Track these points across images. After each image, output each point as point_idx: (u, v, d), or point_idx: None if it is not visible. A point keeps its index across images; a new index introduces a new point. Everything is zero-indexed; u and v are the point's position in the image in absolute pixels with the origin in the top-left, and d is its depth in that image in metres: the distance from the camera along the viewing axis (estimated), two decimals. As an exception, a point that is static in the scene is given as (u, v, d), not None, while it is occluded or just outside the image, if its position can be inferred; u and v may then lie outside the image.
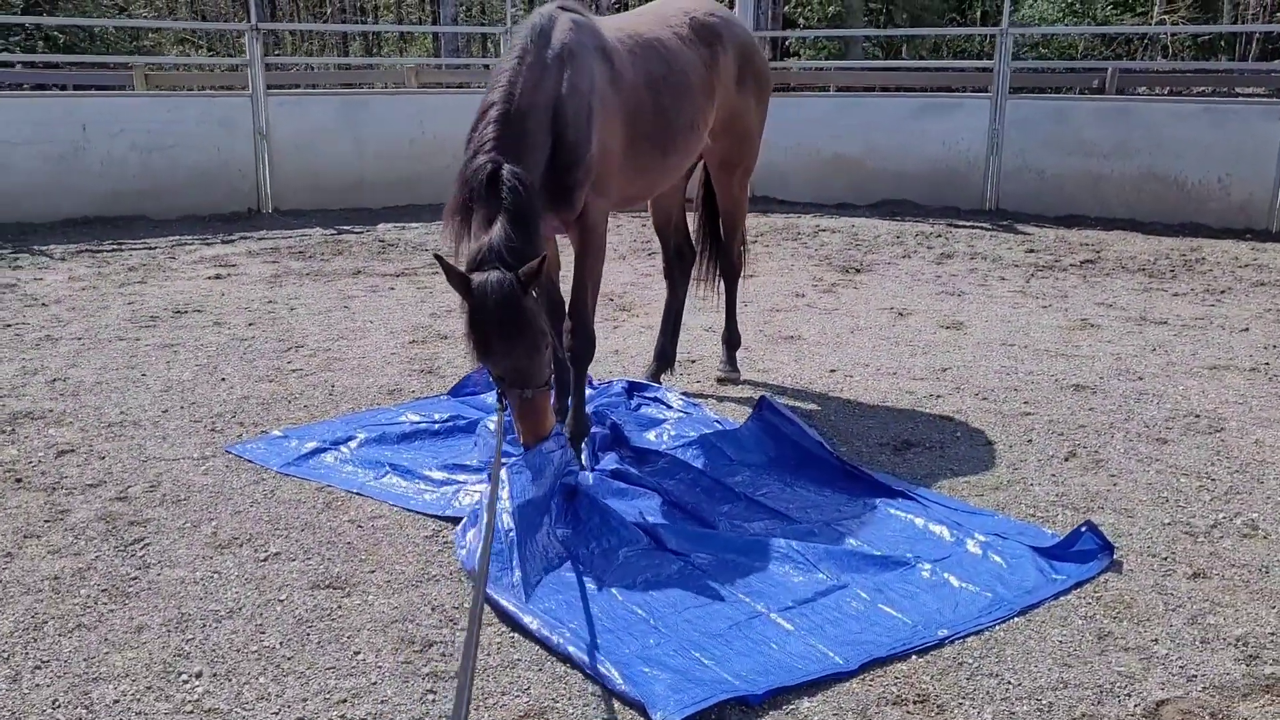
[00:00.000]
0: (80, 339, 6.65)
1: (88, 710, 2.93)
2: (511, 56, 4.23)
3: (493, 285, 3.71)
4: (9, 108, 10.76)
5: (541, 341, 3.86)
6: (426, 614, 3.44)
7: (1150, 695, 3.05)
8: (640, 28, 4.90)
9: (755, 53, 5.54)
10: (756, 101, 5.55)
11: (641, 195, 5.16)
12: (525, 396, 3.87)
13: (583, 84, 4.29)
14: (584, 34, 4.43)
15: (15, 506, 4.22)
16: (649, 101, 4.68)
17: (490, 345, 3.79)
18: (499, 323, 3.72)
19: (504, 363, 3.81)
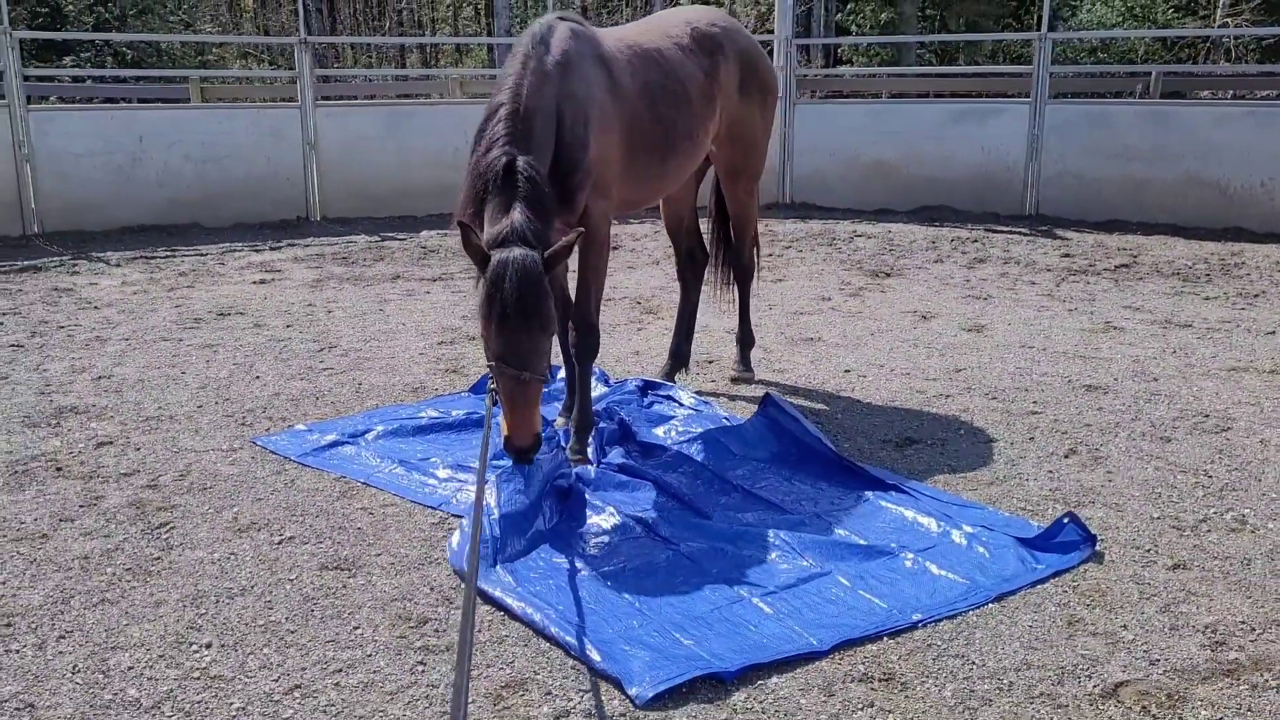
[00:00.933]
0: (127, 339, 6.97)
1: (104, 675, 3.16)
2: (515, 62, 4.37)
3: (515, 258, 3.78)
4: (71, 120, 11.22)
5: (550, 326, 3.91)
6: (425, 594, 3.63)
7: (1111, 677, 3.15)
8: (640, 39, 5.05)
9: (759, 61, 5.67)
10: (761, 109, 5.68)
11: (643, 200, 5.30)
12: (522, 379, 3.83)
13: (580, 91, 4.45)
14: (582, 43, 4.60)
15: (54, 492, 4.49)
16: (646, 110, 4.82)
17: (503, 319, 3.78)
18: (516, 297, 3.75)
19: (511, 339, 3.80)
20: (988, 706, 3.01)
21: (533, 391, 3.90)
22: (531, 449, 3.89)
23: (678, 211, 5.97)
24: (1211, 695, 3.06)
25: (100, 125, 11.14)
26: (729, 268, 6.15)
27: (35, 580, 3.74)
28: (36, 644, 3.33)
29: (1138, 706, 3.01)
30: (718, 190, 6.02)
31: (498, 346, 3.85)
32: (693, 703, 3.03)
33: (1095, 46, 21.19)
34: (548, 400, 5.42)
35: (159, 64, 23.25)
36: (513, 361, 3.83)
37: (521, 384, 3.84)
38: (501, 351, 3.84)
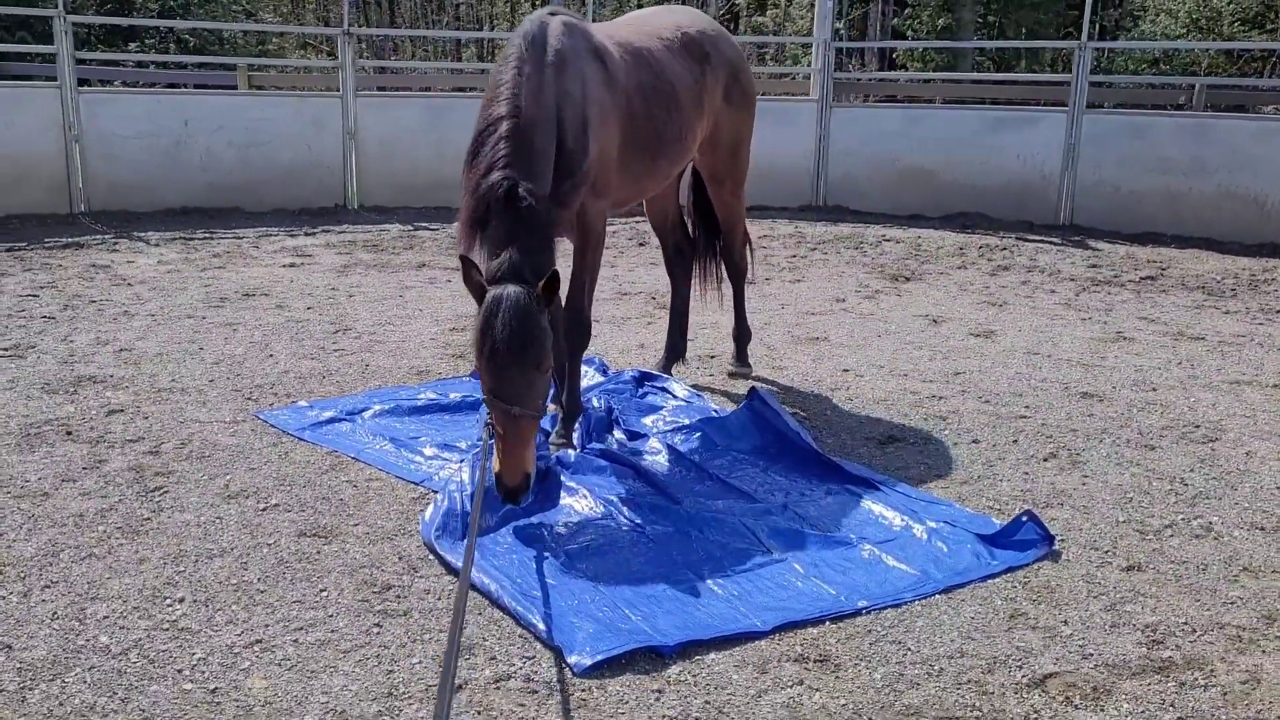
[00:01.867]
0: (154, 315, 7.23)
1: (80, 623, 3.35)
2: (509, 67, 4.30)
3: (509, 296, 3.78)
4: (120, 103, 11.56)
5: (544, 363, 3.89)
6: (393, 562, 3.79)
7: (1041, 669, 3.22)
8: (631, 37, 5.06)
9: (742, 69, 5.76)
10: (744, 117, 5.77)
11: (631, 198, 5.33)
12: (513, 414, 3.78)
13: (577, 90, 4.44)
14: (577, 38, 4.58)
15: (61, 455, 4.71)
16: (640, 108, 4.86)
17: (495, 355, 3.77)
18: (508, 333, 3.75)
19: (504, 375, 3.79)
20: (914, 689, 3.10)
21: (525, 428, 3.85)
22: (520, 489, 3.83)
23: (663, 209, 6.08)
24: (1138, 690, 3.12)
25: (147, 108, 11.47)
26: (720, 267, 6.27)
27: (31, 534, 3.95)
28: (22, 592, 3.53)
29: (1061, 697, 3.08)
30: (698, 189, 6.09)
31: (490, 382, 3.84)
32: (629, 673, 3.15)
33: (1156, 58, 20.93)
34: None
35: (220, 51, 23.76)
36: (504, 397, 3.80)
37: (513, 419, 3.80)
38: (493, 387, 3.83)
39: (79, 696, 2.98)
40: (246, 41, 25.31)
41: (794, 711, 2.99)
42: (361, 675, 3.11)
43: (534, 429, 3.93)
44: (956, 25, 25.20)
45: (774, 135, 13.04)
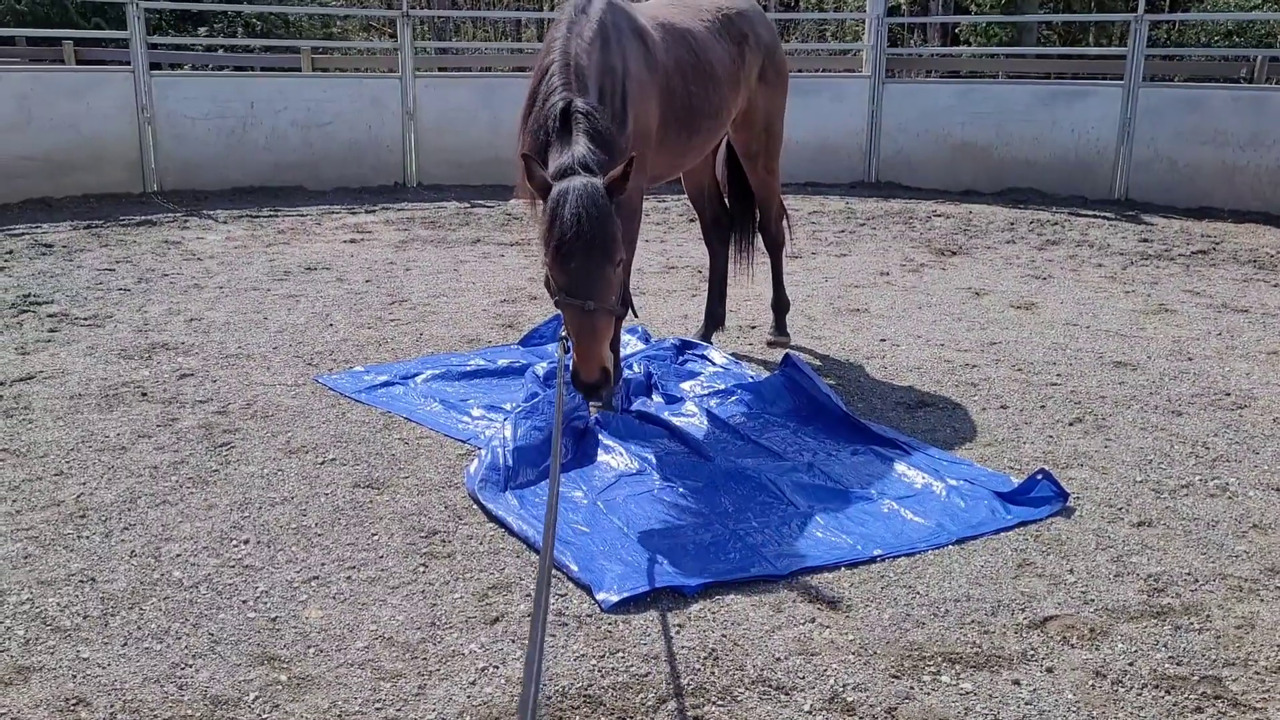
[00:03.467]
0: (222, 288, 7.60)
1: (155, 559, 3.67)
2: (561, 28, 4.49)
3: (577, 185, 3.75)
4: (189, 85, 12.00)
5: (615, 254, 3.83)
6: (439, 511, 4.07)
7: (1042, 612, 3.41)
8: (673, 17, 5.23)
9: (777, 48, 5.93)
10: (779, 95, 5.95)
11: (668, 173, 5.42)
12: (588, 308, 3.75)
13: (619, 65, 4.52)
14: (619, 16, 4.72)
15: (137, 414, 5.06)
16: (680, 86, 5.01)
17: (564, 247, 3.71)
18: (577, 223, 3.69)
19: (574, 268, 3.73)
20: (919, 628, 3.31)
21: (601, 323, 3.80)
22: (600, 384, 3.82)
23: (699, 183, 6.26)
24: (1133, 632, 3.30)
25: (215, 91, 11.89)
26: (755, 239, 6.43)
27: (110, 483, 4.29)
28: (104, 533, 3.87)
29: (1059, 637, 3.27)
30: (732, 164, 6.23)
31: (560, 277, 3.77)
32: (653, 610, 3.40)
33: (1230, 30, 20.55)
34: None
35: (286, 34, 24.28)
36: (576, 292, 3.74)
37: (587, 315, 3.75)
38: (565, 282, 3.77)
39: (155, 622, 3.29)
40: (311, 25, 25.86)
41: (804, 645, 3.21)
42: (408, 608, 3.39)
43: (609, 325, 3.87)
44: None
45: (827, 112, 13.20)
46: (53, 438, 4.74)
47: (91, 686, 2.97)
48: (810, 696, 2.97)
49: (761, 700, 2.95)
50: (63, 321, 6.65)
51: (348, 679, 3.02)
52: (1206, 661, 3.15)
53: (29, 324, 6.59)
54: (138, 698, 2.92)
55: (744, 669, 3.09)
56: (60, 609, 3.36)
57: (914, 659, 3.15)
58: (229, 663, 3.09)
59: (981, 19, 21.18)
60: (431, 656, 3.13)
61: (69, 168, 11.06)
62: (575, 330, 3.79)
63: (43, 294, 7.33)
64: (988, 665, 3.12)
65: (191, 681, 3.00)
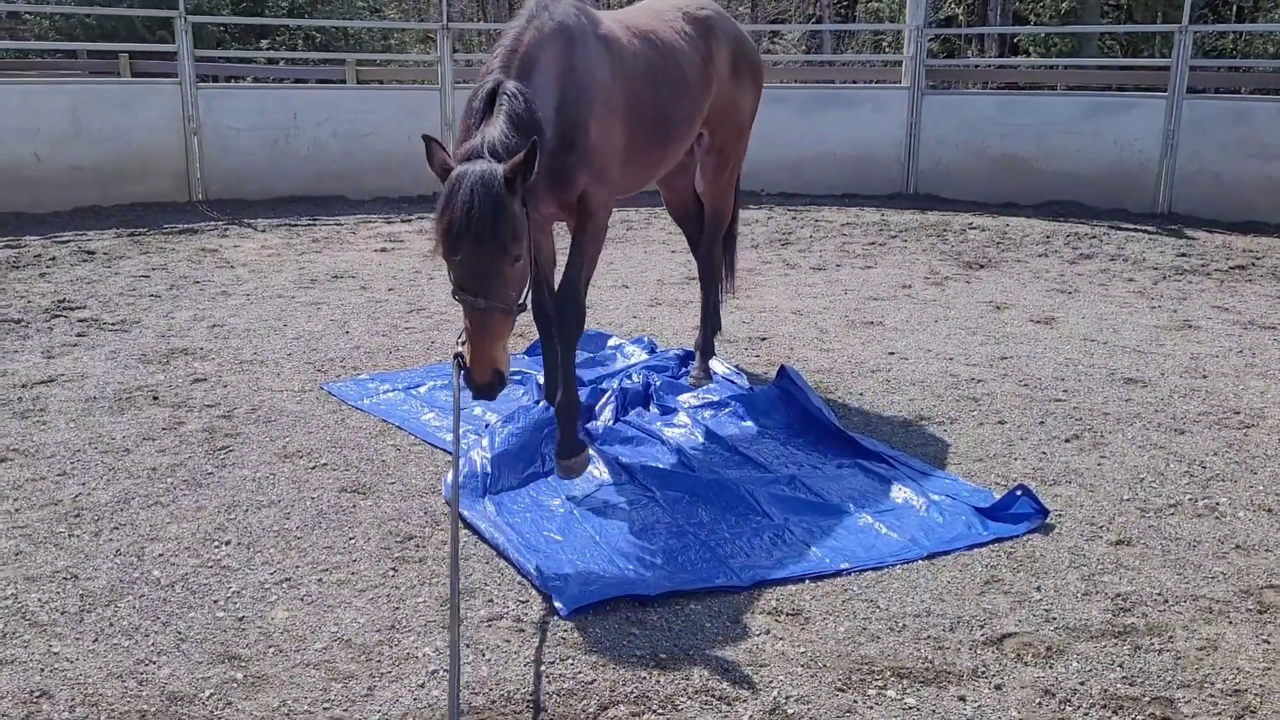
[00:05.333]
0: (249, 295, 7.78)
1: (138, 559, 3.79)
2: (512, 31, 4.19)
3: (473, 171, 3.49)
4: (233, 97, 12.28)
5: (512, 247, 3.52)
6: (418, 516, 4.15)
7: (1001, 629, 3.39)
8: (635, 21, 4.99)
9: (747, 45, 5.68)
10: (750, 93, 5.71)
11: (635, 186, 5.09)
12: (478, 306, 3.52)
13: (582, 69, 4.27)
14: (585, 21, 4.44)
15: (146, 417, 5.21)
16: (648, 93, 4.75)
17: (454, 235, 3.47)
18: (468, 211, 3.43)
19: (466, 261, 3.50)
20: (873, 642, 3.31)
21: (494, 321, 3.57)
22: (491, 385, 3.59)
23: (683, 201, 6.03)
24: (1090, 651, 3.27)
25: (259, 103, 12.16)
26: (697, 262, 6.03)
27: (109, 484, 4.43)
28: (94, 531, 4.00)
29: (1014, 654, 3.25)
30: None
31: (453, 270, 3.57)
32: (612, 618, 3.44)
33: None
34: (590, 366, 5.89)
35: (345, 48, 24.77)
36: (467, 286, 3.52)
37: (479, 312, 3.54)
38: (456, 276, 3.57)
39: (127, 619, 3.40)
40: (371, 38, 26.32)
41: (754, 656, 3.23)
42: (371, 610, 3.47)
43: (505, 323, 3.63)
44: (1081, 8, 24.61)
45: (866, 123, 13.16)
46: (62, 439, 4.90)
47: (57, 680, 3.08)
48: (751, 707, 2.99)
49: (702, 709, 2.98)
50: (91, 326, 6.86)
51: (301, 679, 3.10)
52: (1161, 683, 3.12)
53: (59, 328, 6.80)
54: (98, 692, 3.02)
55: (690, 678, 3.12)
56: (40, 604, 3.49)
57: (862, 673, 3.15)
58: (190, 660, 3.18)
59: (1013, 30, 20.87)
60: (386, 659, 3.20)
61: (118, 177, 11.38)
62: (469, 328, 3.59)
63: (77, 299, 7.56)
64: (936, 681, 3.12)
65: (152, 678, 3.10)
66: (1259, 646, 3.31)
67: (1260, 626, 3.43)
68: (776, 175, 13.22)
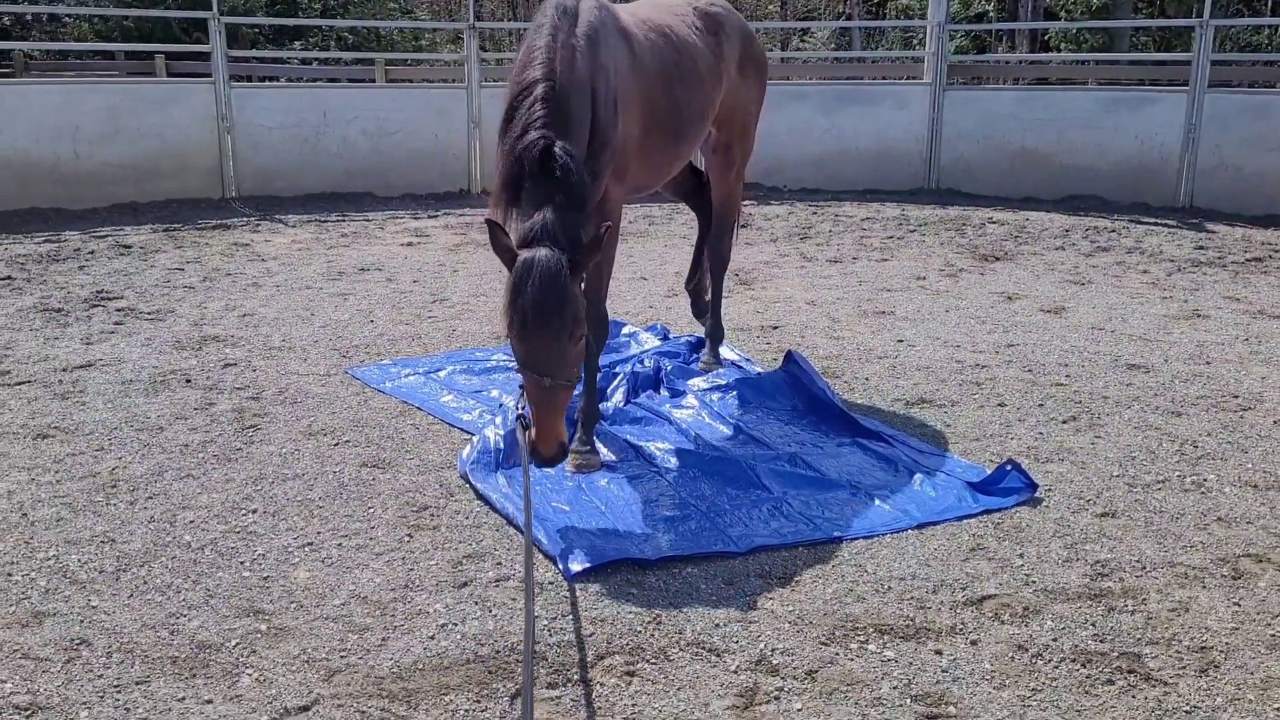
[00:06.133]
0: (279, 286, 8.04)
1: (170, 525, 4.03)
2: (544, 34, 4.16)
3: (540, 260, 3.66)
4: (266, 97, 12.59)
5: (576, 330, 3.78)
6: (434, 489, 4.37)
7: (981, 591, 3.56)
8: (650, 15, 5.01)
9: (753, 41, 5.77)
10: (755, 89, 5.80)
11: (650, 183, 5.18)
12: (544, 385, 3.74)
13: (609, 65, 4.31)
14: (606, 15, 4.47)
15: (179, 398, 5.47)
16: (664, 89, 4.80)
17: (524, 322, 3.68)
18: (537, 299, 3.64)
19: (534, 344, 3.73)
20: (859, 602, 3.50)
21: (559, 398, 3.81)
22: (557, 457, 3.84)
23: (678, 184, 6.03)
24: (1066, 611, 3.44)
25: (290, 102, 12.46)
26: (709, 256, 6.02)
27: (144, 458, 4.68)
28: (130, 500, 4.25)
29: (991, 614, 3.42)
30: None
31: (520, 352, 3.80)
32: (614, 579, 3.64)
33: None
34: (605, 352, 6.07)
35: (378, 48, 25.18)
36: (535, 367, 3.75)
37: (546, 390, 3.76)
38: (524, 357, 3.78)
39: (160, 578, 3.64)
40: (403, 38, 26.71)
41: (744, 613, 3.42)
42: (386, 571, 3.69)
43: (568, 398, 3.89)
44: (1113, 4, 24.57)
45: (888, 119, 13.31)
46: (100, 418, 5.16)
47: (95, 630, 3.32)
48: (739, 658, 3.18)
49: (693, 660, 3.17)
50: (128, 315, 7.14)
51: (320, 630, 3.32)
52: (1130, 640, 3.28)
53: (98, 317, 7.09)
54: (133, 640, 3.26)
55: (683, 633, 3.31)
56: (80, 565, 3.73)
57: (846, 629, 3.33)
58: (218, 614, 3.41)
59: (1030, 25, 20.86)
60: (399, 614, 3.42)
61: (154, 174, 11.71)
62: (534, 402, 3.81)
63: (115, 290, 7.86)
64: (916, 637, 3.29)
65: (183, 629, 3.33)
66: (1229, 609, 3.46)
67: (1233, 591, 3.58)
68: (799, 171, 13.39)
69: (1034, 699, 2.99)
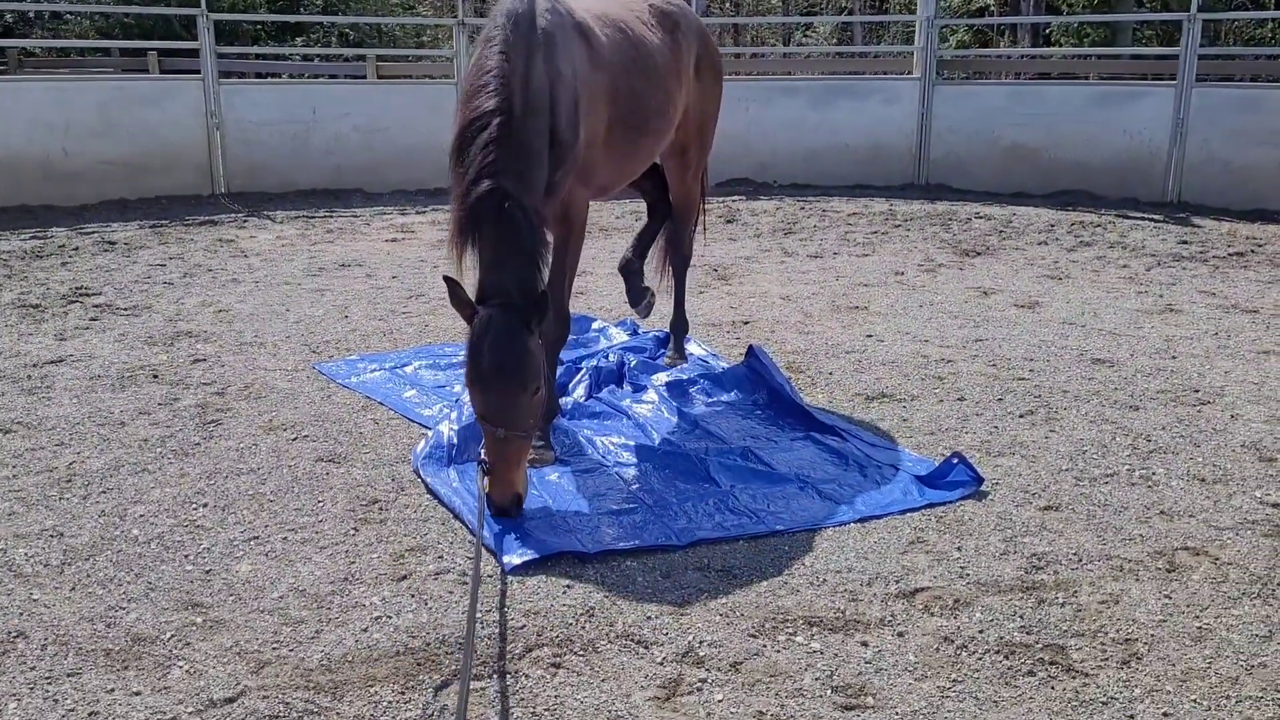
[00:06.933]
0: (258, 282, 8.09)
1: (120, 519, 4.07)
2: (494, 52, 4.06)
3: (496, 320, 3.80)
4: (255, 93, 12.65)
5: (531, 384, 3.84)
6: (385, 483, 4.41)
7: (914, 584, 3.59)
8: (607, 11, 4.95)
9: (710, 42, 5.76)
10: (712, 91, 5.78)
11: (616, 183, 5.17)
12: (498, 436, 3.80)
13: (568, 69, 4.27)
14: (562, 14, 4.41)
15: (145, 393, 5.52)
16: (625, 82, 4.74)
17: (481, 378, 3.80)
18: (494, 358, 3.76)
19: (489, 396, 3.80)
20: (792, 595, 3.53)
21: (513, 450, 3.86)
22: (509, 509, 3.90)
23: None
24: (995, 603, 3.46)
25: (280, 98, 12.52)
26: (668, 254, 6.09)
27: (102, 453, 4.73)
28: (83, 495, 4.29)
29: (921, 606, 3.45)
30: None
31: (478, 404, 3.88)
32: (552, 573, 3.67)
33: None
34: (572, 347, 6.11)
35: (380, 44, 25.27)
36: (491, 418, 3.82)
37: (501, 442, 3.82)
38: (481, 409, 3.87)
39: (104, 571, 3.68)
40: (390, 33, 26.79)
41: (678, 606, 3.46)
42: (328, 564, 3.73)
43: (524, 450, 3.93)
44: (1114, -1, 24.51)
45: (878, 115, 13.31)
46: (64, 413, 5.21)
47: (33, 623, 3.36)
48: (666, 650, 3.21)
49: (620, 652, 3.21)
50: (105, 311, 7.19)
51: (255, 623, 3.36)
52: (1056, 632, 3.30)
53: (74, 313, 7.14)
54: (70, 633, 3.30)
55: (614, 625, 3.35)
56: (26, 558, 3.78)
57: (775, 621, 3.36)
58: (157, 607, 3.46)
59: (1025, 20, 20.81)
60: (335, 606, 3.46)
61: (144, 171, 11.77)
62: (490, 453, 3.88)
63: (94, 286, 7.91)
64: (844, 629, 3.32)
65: (120, 621, 3.37)
66: (1159, 601, 3.49)
67: (1165, 584, 3.60)
68: (790, 167, 13.41)
69: (953, 690, 3.02)
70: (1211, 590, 3.56)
